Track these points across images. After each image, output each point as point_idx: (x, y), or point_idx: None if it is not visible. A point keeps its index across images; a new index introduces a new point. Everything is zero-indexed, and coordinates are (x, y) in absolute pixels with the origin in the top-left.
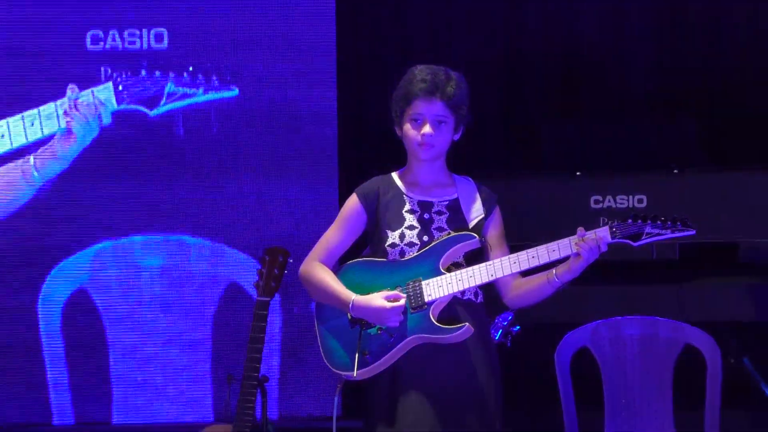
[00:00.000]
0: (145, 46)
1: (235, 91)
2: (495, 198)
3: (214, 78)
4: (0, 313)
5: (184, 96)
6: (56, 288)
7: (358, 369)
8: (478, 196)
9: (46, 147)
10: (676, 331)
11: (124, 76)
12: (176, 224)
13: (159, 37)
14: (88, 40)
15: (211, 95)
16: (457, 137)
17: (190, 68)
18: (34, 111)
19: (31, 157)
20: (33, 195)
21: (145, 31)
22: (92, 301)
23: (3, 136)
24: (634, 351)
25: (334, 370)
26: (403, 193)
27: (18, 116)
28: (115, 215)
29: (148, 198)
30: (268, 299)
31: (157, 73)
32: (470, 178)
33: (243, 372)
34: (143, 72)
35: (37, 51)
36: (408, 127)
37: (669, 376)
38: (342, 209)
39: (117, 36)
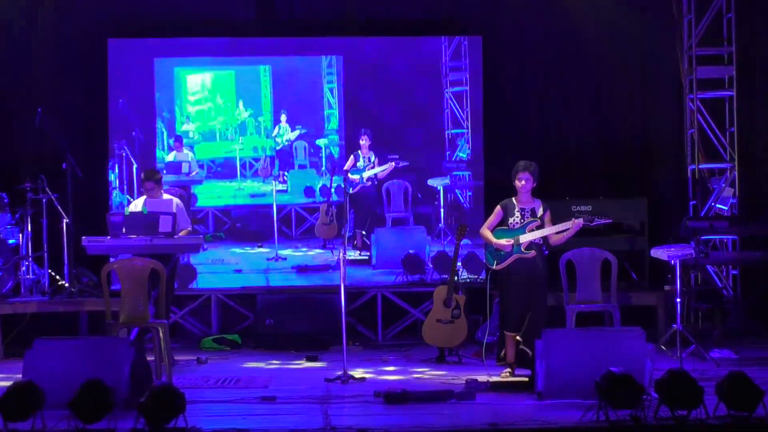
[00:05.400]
0: None
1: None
2: (548, 206)
3: None
4: None
5: None
6: None
7: (496, 265)
8: (541, 205)
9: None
10: (602, 253)
11: None
12: None
13: None
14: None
15: None
16: (534, 185)
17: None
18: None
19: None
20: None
21: None
22: None
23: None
24: (587, 261)
25: (486, 264)
26: (515, 205)
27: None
28: None
29: None
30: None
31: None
32: (539, 199)
33: (451, 265)
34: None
35: None
36: (516, 181)
37: (599, 270)
38: (495, 210)
39: None
